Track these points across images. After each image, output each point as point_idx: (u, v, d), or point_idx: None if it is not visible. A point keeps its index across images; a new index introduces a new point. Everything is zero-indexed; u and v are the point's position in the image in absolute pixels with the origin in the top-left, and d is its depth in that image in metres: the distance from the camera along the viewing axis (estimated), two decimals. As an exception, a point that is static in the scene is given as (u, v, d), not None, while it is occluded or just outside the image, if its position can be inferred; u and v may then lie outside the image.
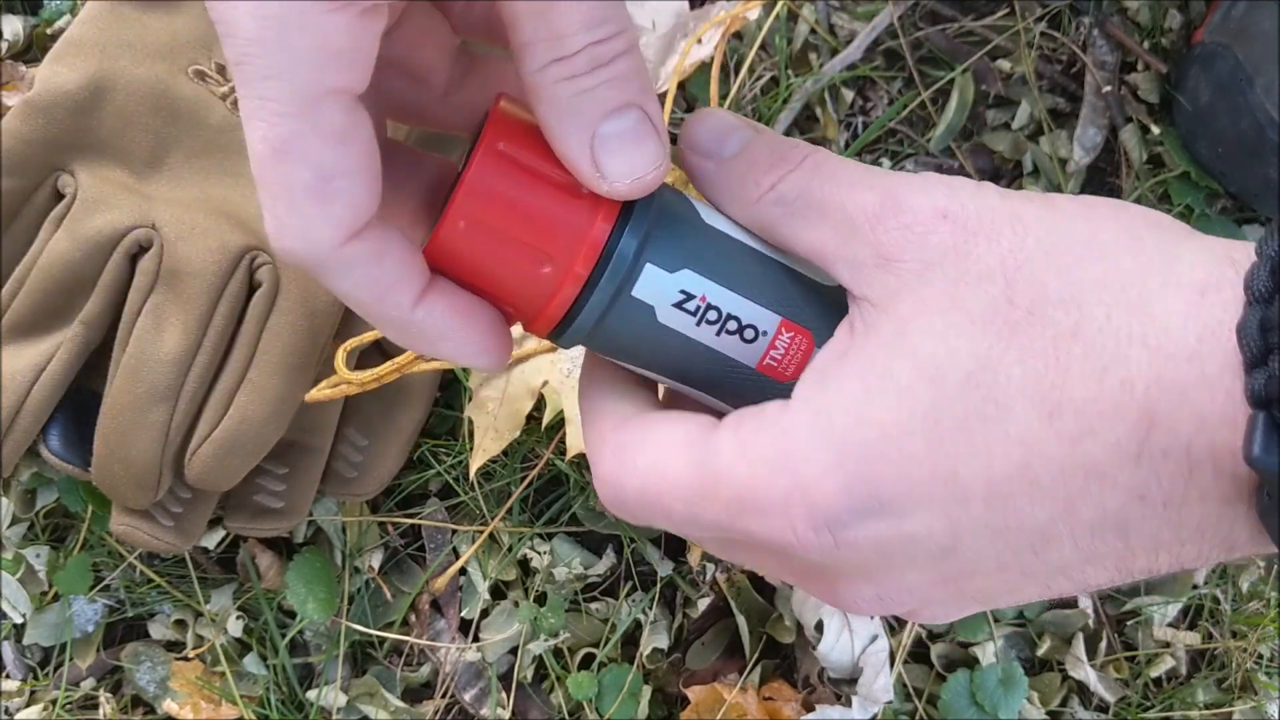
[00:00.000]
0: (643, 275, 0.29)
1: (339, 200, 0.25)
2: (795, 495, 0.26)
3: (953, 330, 0.26)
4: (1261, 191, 0.64)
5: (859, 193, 0.28)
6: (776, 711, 0.59)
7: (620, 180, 0.27)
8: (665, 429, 0.29)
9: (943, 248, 0.26)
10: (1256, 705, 0.62)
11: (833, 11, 0.65)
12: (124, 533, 0.53)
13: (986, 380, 0.25)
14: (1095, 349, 0.25)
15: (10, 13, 0.60)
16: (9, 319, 0.52)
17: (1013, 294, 0.26)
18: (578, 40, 0.25)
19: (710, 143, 0.31)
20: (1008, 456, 0.25)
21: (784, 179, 0.29)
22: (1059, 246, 0.26)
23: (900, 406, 0.26)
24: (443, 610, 0.60)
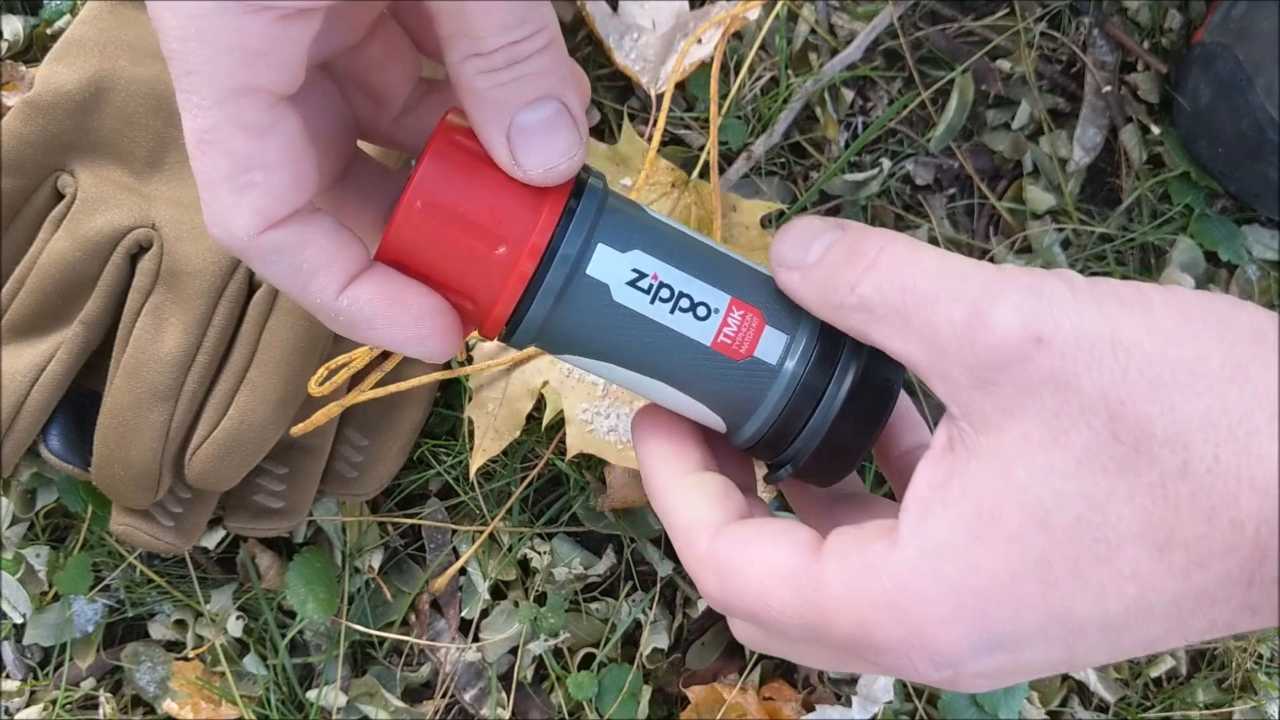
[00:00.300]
0: (595, 254, 0.30)
1: (255, 191, 0.26)
2: (913, 642, 0.27)
3: (1057, 471, 0.26)
4: (1262, 191, 0.64)
5: (944, 306, 0.27)
6: (776, 711, 0.59)
7: (535, 168, 0.28)
8: (765, 553, 0.29)
9: (1040, 374, 0.26)
10: (1256, 705, 0.62)
11: (833, 11, 0.65)
12: (124, 533, 0.53)
13: (1095, 521, 0.25)
14: (1204, 489, 0.25)
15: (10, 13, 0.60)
16: (9, 319, 0.52)
17: (1117, 429, 0.25)
18: (494, 41, 0.27)
19: (794, 254, 0.31)
20: (1121, 593, 0.26)
21: (862, 280, 0.29)
22: (1162, 378, 0.25)
23: (1011, 554, 0.26)
24: (443, 610, 0.60)
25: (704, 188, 0.59)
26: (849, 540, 0.28)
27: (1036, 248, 0.65)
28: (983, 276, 0.27)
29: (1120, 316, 0.26)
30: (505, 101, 0.28)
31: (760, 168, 0.63)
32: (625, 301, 0.30)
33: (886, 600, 0.27)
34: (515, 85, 0.27)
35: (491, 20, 0.26)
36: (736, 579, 0.29)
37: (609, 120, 0.63)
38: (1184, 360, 0.25)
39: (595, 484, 0.59)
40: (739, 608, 0.29)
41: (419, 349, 0.29)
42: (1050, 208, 0.65)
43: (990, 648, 0.26)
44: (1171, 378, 0.25)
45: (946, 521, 0.27)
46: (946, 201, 0.66)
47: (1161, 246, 0.66)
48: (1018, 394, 0.26)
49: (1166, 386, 0.25)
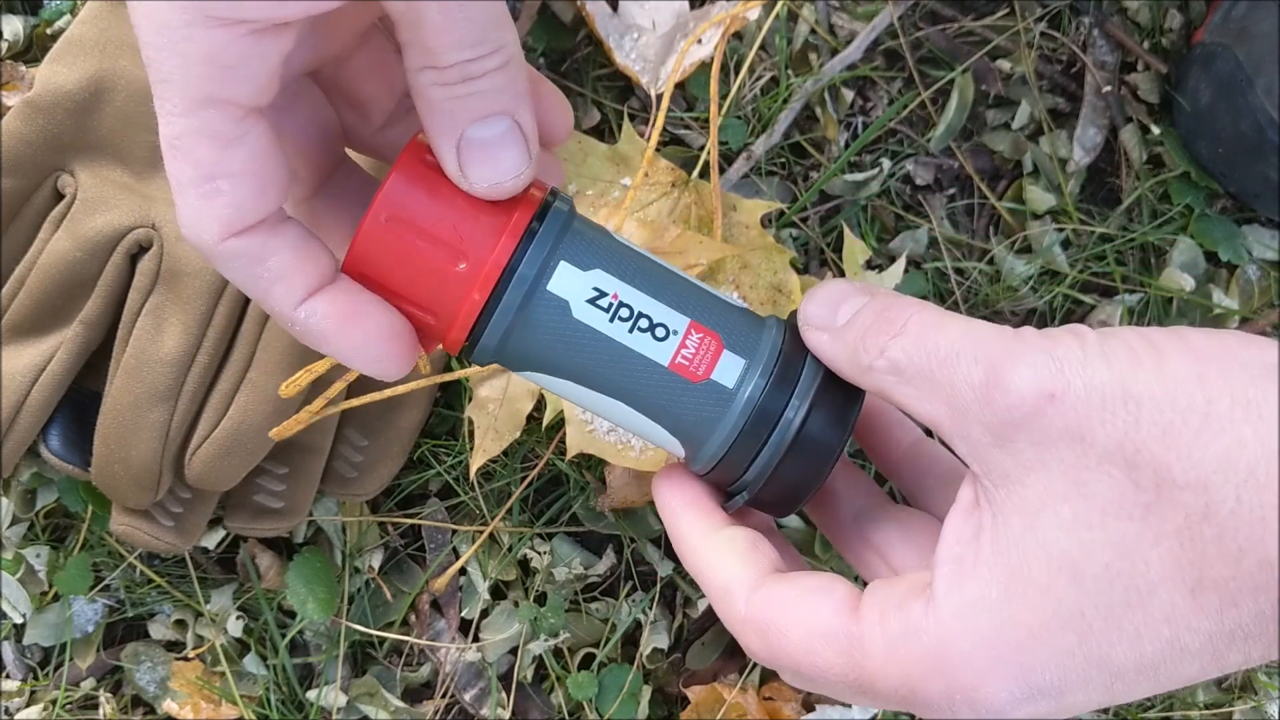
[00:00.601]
0: (557, 271, 0.30)
1: (220, 199, 0.27)
2: (956, 697, 0.27)
3: (1082, 522, 0.26)
4: (1261, 192, 0.64)
5: (964, 367, 0.28)
6: (776, 711, 0.59)
7: (481, 182, 0.29)
8: (804, 613, 0.30)
9: (1055, 429, 0.27)
10: (1256, 705, 0.62)
11: (833, 11, 0.65)
12: (124, 533, 0.53)
13: (1125, 569, 0.26)
14: (1229, 531, 0.25)
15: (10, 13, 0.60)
16: (9, 319, 0.52)
17: (1137, 477, 0.26)
18: (449, 58, 0.27)
19: (823, 315, 0.32)
20: (1157, 636, 0.26)
21: (891, 345, 0.30)
22: (1174, 424, 0.26)
23: (1045, 607, 0.27)
24: (443, 610, 0.60)
25: (704, 188, 0.59)
26: (887, 600, 0.29)
27: (1036, 248, 0.65)
28: (1001, 340, 0.28)
29: (1129, 368, 0.27)
30: (456, 114, 0.28)
31: (760, 168, 0.63)
32: (584, 319, 0.30)
33: (928, 660, 0.28)
34: (468, 100, 0.28)
35: (447, 39, 0.27)
36: (780, 640, 0.30)
37: (609, 120, 0.63)
38: (1195, 406, 0.26)
39: (595, 484, 0.59)
40: (785, 665, 0.30)
41: (372, 367, 0.30)
42: (1050, 208, 0.65)
43: (1031, 697, 0.27)
44: (1184, 424, 0.26)
45: (979, 579, 0.27)
46: (946, 201, 0.66)
47: (1161, 246, 0.66)
48: (1036, 450, 0.27)
49: (1180, 432, 0.26)
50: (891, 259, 0.63)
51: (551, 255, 0.30)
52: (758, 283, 0.58)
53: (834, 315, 0.32)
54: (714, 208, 0.58)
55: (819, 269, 0.63)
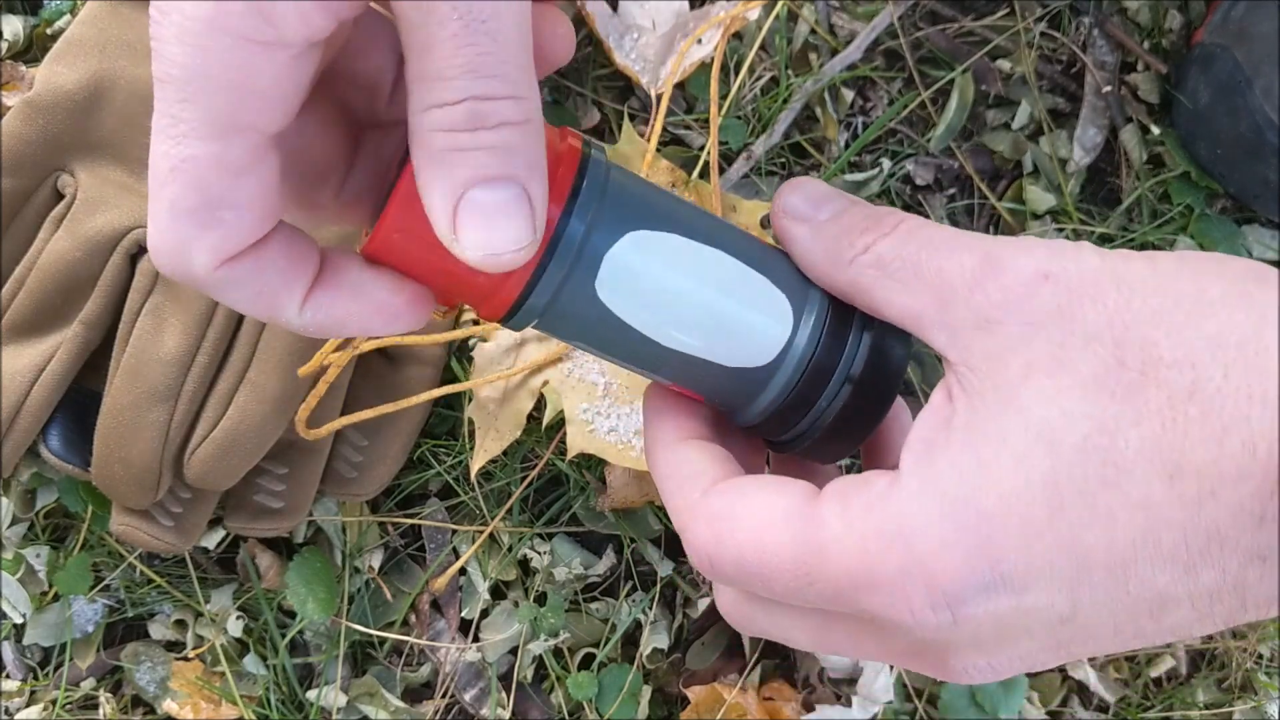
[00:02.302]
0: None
1: (220, 229, 0.25)
2: (913, 571, 0.26)
3: (1064, 393, 0.25)
4: (1261, 193, 0.64)
5: (957, 255, 0.28)
6: (776, 711, 0.59)
7: (473, 250, 0.26)
8: (762, 499, 0.29)
9: (1046, 309, 0.26)
10: (1256, 705, 0.62)
11: (833, 11, 0.65)
12: (124, 533, 0.53)
13: (1104, 444, 0.25)
14: (1214, 409, 0.24)
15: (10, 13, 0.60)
16: (9, 319, 0.52)
17: (1123, 355, 0.25)
18: (459, 87, 0.24)
19: (805, 207, 0.31)
20: (1130, 522, 0.25)
21: (879, 241, 0.29)
22: (1166, 305, 0.25)
23: (1018, 473, 0.25)
24: (443, 610, 0.60)
25: (704, 188, 0.59)
26: (849, 483, 0.28)
27: (1036, 248, 0.65)
28: (993, 237, 0.28)
29: (1123, 260, 0.27)
30: (458, 168, 0.25)
31: (760, 168, 0.63)
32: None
33: (888, 530, 0.26)
34: (476, 155, 0.25)
35: (456, 60, 0.24)
36: (728, 524, 0.29)
37: (609, 120, 0.63)
38: (1186, 292, 0.26)
39: (595, 484, 0.59)
40: (728, 557, 0.29)
41: (392, 328, 0.29)
42: (1050, 208, 0.65)
43: (993, 584, 0.25)
44: (1175, 305, 0.25)
45: (949, 453, 0.26)
46: (946, 201, 0.66)
47: (1161, 246, 0.66)
48: (1022, 329, 0.26)
49: (1170, 313, 0.25)
50: (891, 259, 0.63)
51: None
52: (758, 283, 0.58)
53: (816, 209, 0.30)
54: (714, 208, 0.58)
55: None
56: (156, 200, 0.25)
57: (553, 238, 0.28)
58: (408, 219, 0.27)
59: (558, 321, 0.30)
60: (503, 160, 0.25)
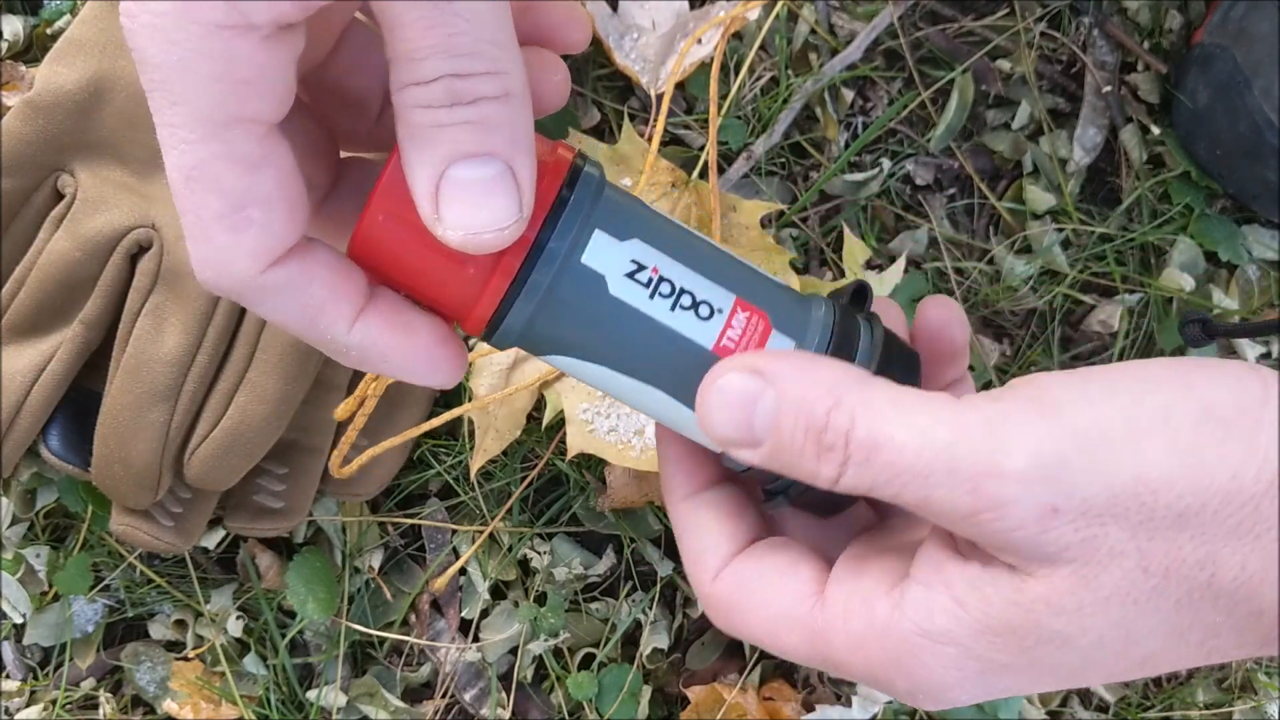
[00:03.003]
0: (591, 241, 0.27)
1: (253, 229, 0.25)
2: (918, 695, 0.27)
3: (1085, 611, 0.26)
4: (1260, 193, 0.64)
5: (939, 491, 0.25)
6: (776, 711, 0.59)
7: (454, 229, 0.25)
8: (767, 599, 0.29)
9: (1062, 542, 0.25)
10: (1256, 705, 0.62)
11: (833, 11, 0.65)
12: (124, 533, 0.53)
13: (1118, 637, 0.26)
14: (1226, 594, 0.25)
15: (10, 13, 0.60)
16: (9, 319, 0.52)
17: (1147, 564, 0.25)
18: (432, 66, 0.24)
19: (739, 434, 0.28)
20: (1129, 667, 0.27)
21: (844, 474, 0.26)
22: (1193, 508, 0.25)
23: (1023, 662, 0.27)
24: (443, 610, 0.60)
25: (704, 188, 0.59)
26: (852, 595, 0.28)
27: (1036, 248, 0.65)
28: (969, 444, 0.25)
29: (1130, 447, 0.25)
30: (439, 144, 0.24)
31: (760, 168, 0.63)
32: (622, 295, 0.28)
33: (891, 663, 0.27)
34: (454, 130, 0.24)
35: (431, 40, 0.23)
36: (742, 620, 0.29)
37: (609, 120, 0.63)
38: (1216, 485, 0.25)
39: (595, 484, 0.59)
40: (747, 639, 0.30)
41: (431, 378, 0.28)
42: (1050, 208, 0.65)
43: (993, 694, 0.28)
44: (1202, 507, 0.25)
45: (954, 618, 0.26)
46: (946, 201, 0.66)
47: (1161, 246, 0.66)
48: (1040, 561, 0.26)
49: (1197, 515, 0.25)
50: (891, 259, 0.63)
51: (586, 223, 0.27)
52: (758, 283, 0.58)
53: (749, 429, 0.27)
54: (713, 208, 0.58)
55: (819, 269, 0.63)
56: (185, 217, 0.25)
57: (532, 249, 0.27)
58: (390, 208, 0.26)
59: (541, 342, 0.29)
60: (482, 136, 0.24)
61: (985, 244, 0.65)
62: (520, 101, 0.25)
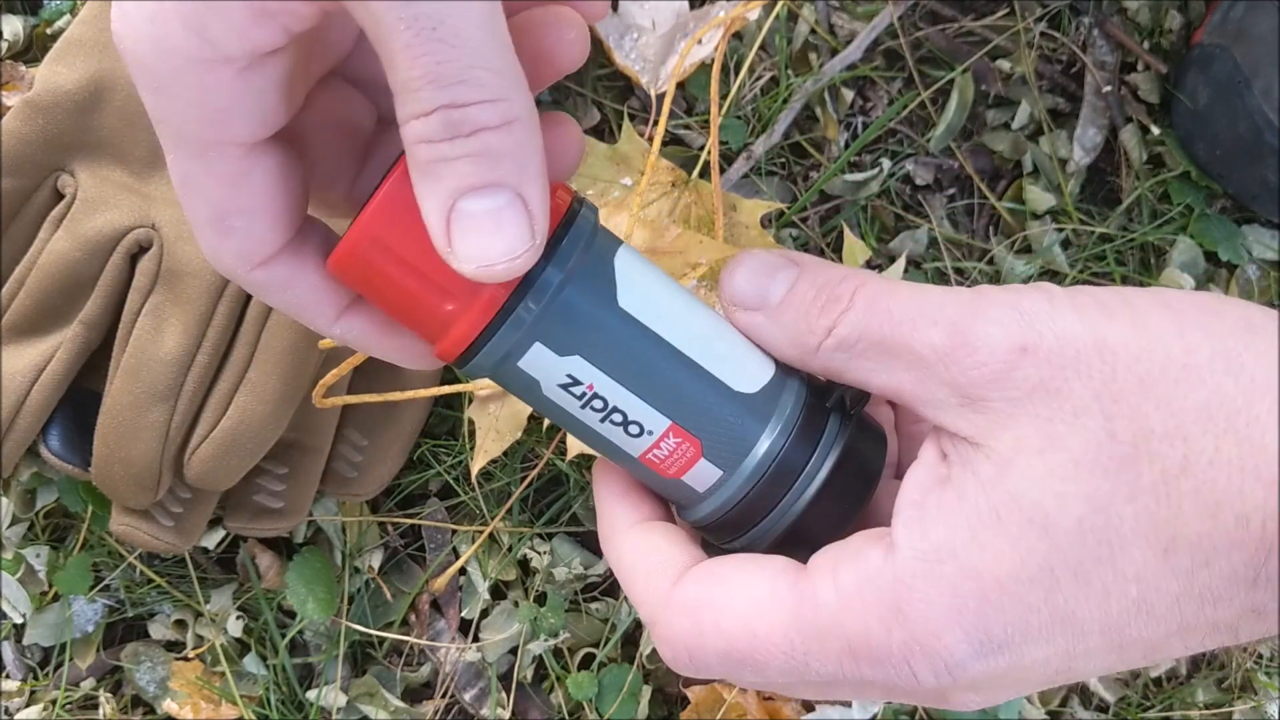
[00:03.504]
0: (530, 351, 0.28)
1: (237, 236, 0.27)
2: (914, 648, 0.26)
3: (1056, 474, 0.25)
4: (1260, 193, 0.64)
5: (923, 330, 0.27)
6: (776, 711, 0.59)
7: (468, 261, 0.25)
8: (743, 581, 0.28)
9: (1029, 384, 0.26)
10: (1256, 705, 0.62)
11: (833, 11, 0.65)
12: (124, 533, 0.53)
13: (1098, 523, 0.25)
14: (1207, 484, 0.24)
15: (10, 13, 0.60)
16: (9, 319, 0.52)
17: (1113, 428, 0.25)
18: (427, 98, 0.23)
19: (752, 293, 0.30)
20: (1124, 595, 0.25)
21: (839, 321, 0.28)
22: (1153, 374, 0.25)
23: (1013, 556, 0.26)
24: (443, 610, 0.60)
25: (704, 188, 0.59)
26: (839, 555, 0.28)
27: (1036, 248, 0.65)
28: (959, 299, 0.27)
29: (1101, 320, 0.26)
30: (444, 179, 0.24)
31: (760, 168, 0.63)
32: (554, 398, 0.29)
33: (887, 607, 0.26)
34: (458, 164, 0.24)
35: (419, 68, 0.23)
36: (710, 613, 0.28)
37: (609, 120, 0.63)
38: (1173, 356, 0.25)
39: (595, 484, 0.59)
40: (712, 647, 0.28)
41: (416, 365, 0.30)
42: (1050, 208, 0.65)
43: (991, 650, 0.26)
44: (1162, 374, 0.25)
45: (944, 526, 0.26)
46: (946, 201, 0.66)
47: (1161, 246, 0.66)
48: (1008, 406, 0.26)
49: (1158, 383, 0.25)
50: (891, 259, 0.63)
51: (530, 334, 0.27)
52: (758, 283, 0.58)
53: (765, 292, 0.29)
54: (715, 208, 0.58)
55: (819, 269, 0.63)
56: (185, 211, 0.27)
57: (520, 284, 0.27)
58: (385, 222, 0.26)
59: (512, 378, 0.29)
60: (487, 167, 0.24)
61: (985, 244, 0.65)
62: (525, 126, 0.24)
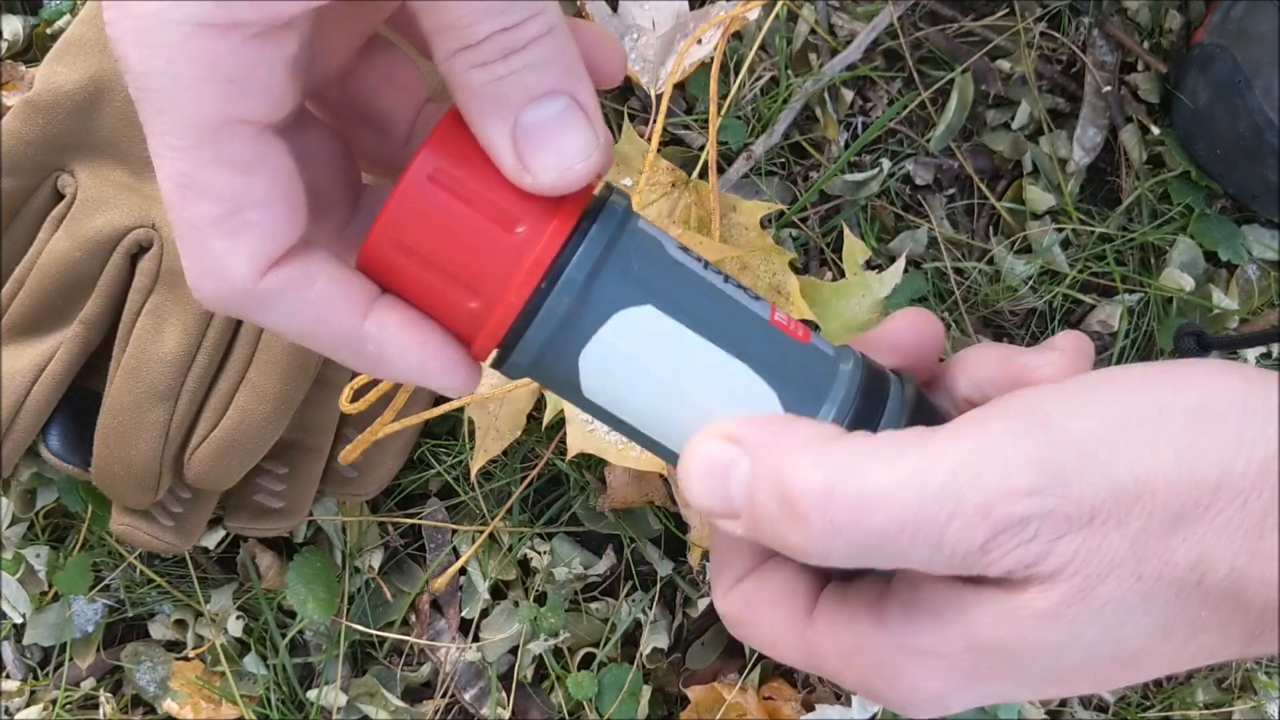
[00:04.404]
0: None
1: (252, 231, 0.24)
2: (906, 704, 0.27)
3: (1080, 619, 0.25)
4: (1260, 193, 0.64)
5: (957, 528, 0.24)
6: (776, 711, 0.59)
7: (546, 173, 0.25)
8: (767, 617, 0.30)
9: (1069, 553, 0.25)
10: (1256, 705, 0.62)
11: (833, 11, 0.65)
12: (124, 533, 0.53)
13: (1108, 641, 0.26)
14: (1214, 592, 0.25)
15: (10, 13, 0.60)
16: (9, 319, 0.52)
17: (1141, 571, 0.25)
18: (481, 29, 0.24)
19: (718, 504, 0.26)
20: (1117, 664, 0.27)
21: (834, 547, 0.25)
22: (1187, 505, 0.24)
23: (1009, 678, 0.27)
24: (443, 610, 0.60)
25: (704, 188, 0.59)
26: (837, 614, 0.28)
27: (1036, 248, 0.65)
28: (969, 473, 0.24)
29: (1130, 446, 0.25)
30: (504, 98, 0.24)
31: (760, 168, 0.63)
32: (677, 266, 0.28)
33: (882, 675, 0.27)
34: (515, 79, 0.24)
35: (474, 5, 0.24)
36: (747, 632, 0.30)
37: (609, 120, 0.63)
38: (1209, 479, 0.24)
39: (595, 484, 0.59)
40: (756, 649, 0.31)
41: (448, 378, 0.27)
42: (1050, 208, 0.65)
43: (981, 702, 0.28)
44: (1195, 503, 0.24)
45: (938, 637, 0.26)
46: (946, 201, 0.66)
47: (1161, 246, 0.66)
48: (1043, 574, 0.25)
49: (1190, 514, 0.25)
50: (891, 259, 0.63)
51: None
52: (756, 284, 0.58)
53: (726, 494, 0.26)
54: (712, 209, 0.58)
55: (819, 269, 0.63)
56: (179, 228, 0.24)
57: (550, 270, 0.26)
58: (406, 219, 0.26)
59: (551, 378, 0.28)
60: (541, 74, 0.25)
61: (985, 244, 0.65)
62: (563, 31, 0.25)
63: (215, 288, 0.25)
